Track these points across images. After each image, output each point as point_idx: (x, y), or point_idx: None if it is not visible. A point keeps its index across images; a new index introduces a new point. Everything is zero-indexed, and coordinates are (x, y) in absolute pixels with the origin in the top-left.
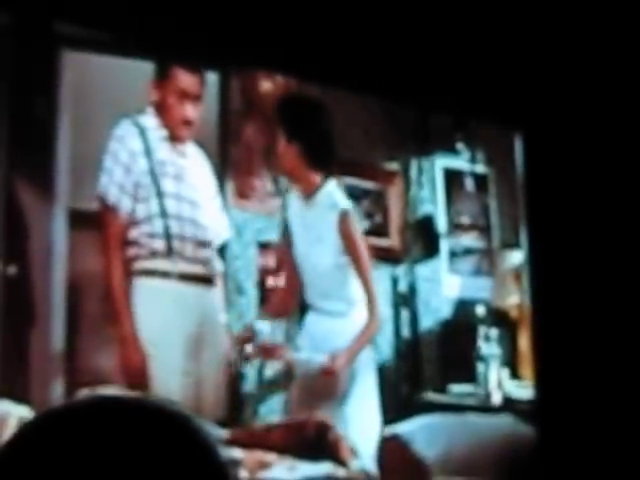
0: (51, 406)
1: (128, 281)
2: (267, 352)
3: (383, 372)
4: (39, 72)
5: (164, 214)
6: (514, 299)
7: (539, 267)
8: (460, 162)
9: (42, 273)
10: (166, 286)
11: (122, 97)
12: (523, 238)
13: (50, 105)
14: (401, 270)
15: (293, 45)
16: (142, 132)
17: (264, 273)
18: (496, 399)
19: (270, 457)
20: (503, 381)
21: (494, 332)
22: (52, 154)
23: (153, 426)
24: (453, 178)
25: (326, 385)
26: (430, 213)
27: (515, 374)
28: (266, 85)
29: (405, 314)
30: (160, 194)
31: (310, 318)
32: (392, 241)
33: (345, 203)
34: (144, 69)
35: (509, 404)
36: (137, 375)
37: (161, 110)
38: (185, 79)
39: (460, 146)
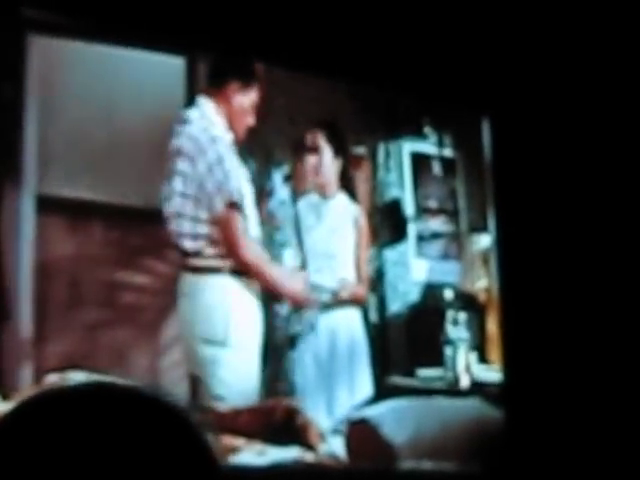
0: (23, 392)
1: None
2: None
3: None
4: (6, 57)
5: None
6: (482, 283)
7: (507, 251)
8: (427, 146)
9: (9, 259)
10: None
11: (90, 82)
12: (491, 222)
13: (17, 90)
14: (369, 254)
15: (259, 28)
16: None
17: None
18: (464, 383)
19: (239, 442)
20: (471, 365)
21: (462, 316)
22: (19, 139)
23: (144, 413)
24: (420, 162)
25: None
26: (397, 197)
27: (483, 358)
28: None
29: (373, 298)
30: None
31: None
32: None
33: (357, 208)
34: (112, 54)
35: (477, 388)
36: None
37: (228, 117)
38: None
39: (427, 130)
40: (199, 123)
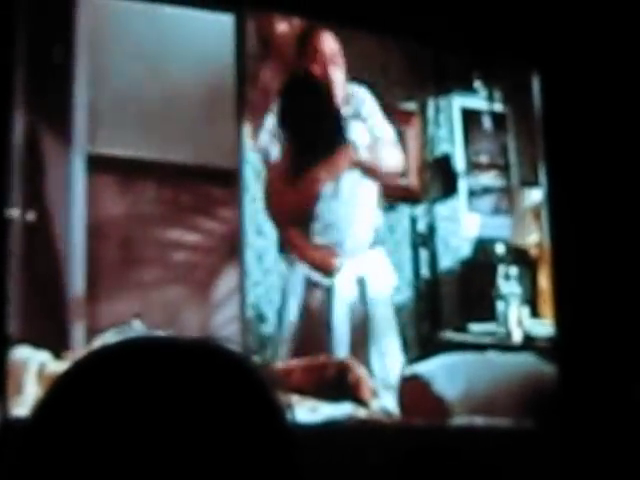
0: (76, 351)
1: None
2: None
3: (403, 312)
4: (56, 18)
5: None
6: (533, 237)
7: (558, 205)
8: (478, 101)
9: (61, 218)
10: None
11: (139, 40)
12: (542, 176)
13: (67, 50)
14: (420, 210)
15: None
16: None
17: None
18: (516, 337)
19: (291, 398)
20: (523, 319)
21: (514, 270)
22: (69, 99)
23: (208, 365)
24: (471, 117)
25: None
26: (448, 152)
27: (535, 312)
28: (282, 26)
29: (424, 254)
30: None
31: None
32: (410, 181)
33: None
34: (161, 12)
35: (529, 342)
36: None
37: None
38: None
39: (477, 85)
40: None
